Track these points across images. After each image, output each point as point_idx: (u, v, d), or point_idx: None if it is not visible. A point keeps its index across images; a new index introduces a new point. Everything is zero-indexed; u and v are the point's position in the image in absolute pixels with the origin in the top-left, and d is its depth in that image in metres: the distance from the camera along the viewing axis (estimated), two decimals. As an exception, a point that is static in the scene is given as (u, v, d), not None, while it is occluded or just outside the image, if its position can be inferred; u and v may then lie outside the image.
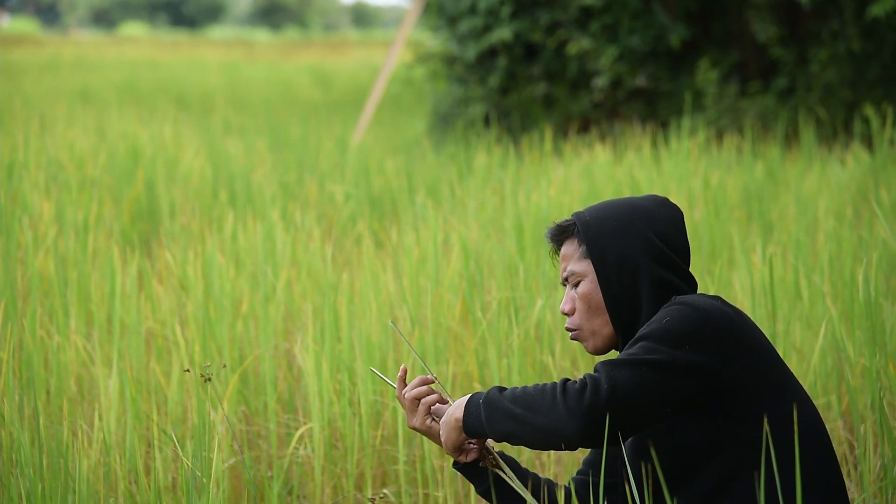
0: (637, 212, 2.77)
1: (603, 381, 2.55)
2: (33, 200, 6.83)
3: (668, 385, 2.58)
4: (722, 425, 2.63)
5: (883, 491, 3.60)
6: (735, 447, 2.63)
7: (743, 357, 2.62)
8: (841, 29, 11.64)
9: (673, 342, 2.58)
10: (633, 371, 2.56)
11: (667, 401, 2.58)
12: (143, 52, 31.90)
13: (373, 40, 42.93)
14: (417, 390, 2.81)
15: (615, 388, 2.54)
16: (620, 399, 2.55)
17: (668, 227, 2.77)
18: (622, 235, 2.74)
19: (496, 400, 2.66)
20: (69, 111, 14.12)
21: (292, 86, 20.37)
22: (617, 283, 2.73)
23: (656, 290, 2.72)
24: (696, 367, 2.58)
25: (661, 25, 12.39)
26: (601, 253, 2.75)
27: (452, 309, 4.79)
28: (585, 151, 9.94)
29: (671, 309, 2.63)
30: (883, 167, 8.04)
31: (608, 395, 2.54)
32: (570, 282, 2.81)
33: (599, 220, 2.77)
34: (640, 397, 2.56)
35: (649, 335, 2.60)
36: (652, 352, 2.58)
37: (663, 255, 2.74)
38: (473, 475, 2.88)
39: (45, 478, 3.29)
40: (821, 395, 4.25)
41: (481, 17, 12.89)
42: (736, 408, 2.62)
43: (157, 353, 4.68)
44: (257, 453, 4.30)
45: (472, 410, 2.70)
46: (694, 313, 2.61)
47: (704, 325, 2.60)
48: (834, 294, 4.88)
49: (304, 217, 6.79)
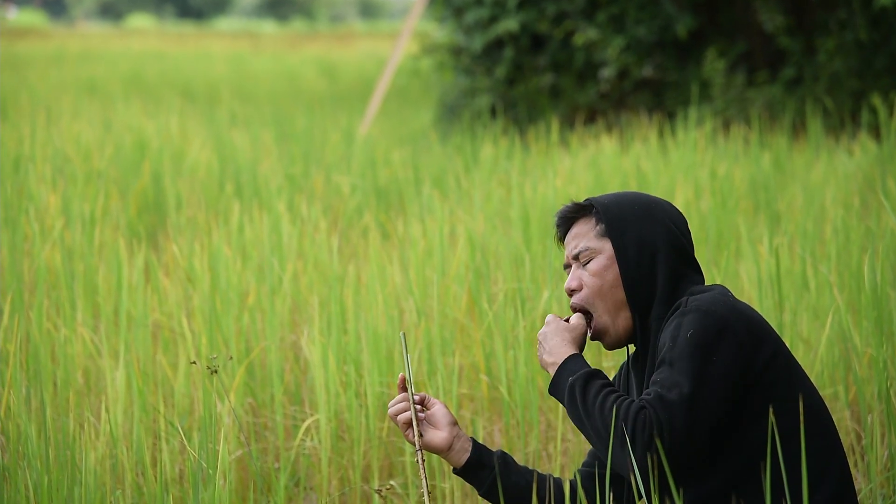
0: (654, 203, 2.80)
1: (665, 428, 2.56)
2: (40, 193, 6.84)
3: (714, 401, 2.59)
4: (735, 418, 2.63)
5: (890, 481, 3.60)
6: (747, 438, 2.63)
7: (759, 351, 2.64)
8: (848, 18, 11.61)
9: (702, 358, 2.59)
10: (686, 410, 2.57)
11: (718, 414, 2.60)
12: (150, 44, 31.89)
13: (379, 32, 42.90)
14: (394, 408, 2.89)
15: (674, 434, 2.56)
16: (683, 442, 2.57)
17: (682, 223, 2.81)
18: (643, 220, 2.76)
19: (581, 391, 2.66)
20: (75, 103, 14.12)
21: (298, 77, 20.36)
22: (636, 263, 2.74)
23: (672, 275, 2.74)
24: (729, 374, 2.60)
25: (667, 15, 12.37)
26: (621, 233, 2.76)
27: (459, 300, 4.79)
28: (592, 142, 9.92)
29: (688, 319, 2.63)
30: (890, 157, 8.01)
31: (670, 442, 2.56)
32: (580, 258, 2.80)
33: (619, 204, 2.79)
34: (696, 430, 2.58)
35: (678, 359, 2.61)
36: (690, 377, 2.58)
37: (680, 245, 2.77)
38: (474, 478, 2.89)
39: (51, 470, 3.30)
40: (828, 385, 4.24)
41: (488, 8, 12.86)
42: (750, 401, 2.62)
43: (163, 345, 4.68)
44: (264, 445, 4.30)
45: (559, 385, 2.72)
46: (712, 321, 2.62)
47: (725, 332, 2.61)
48: (841, 284, 4.87)
49: (311, 209, 6.79)
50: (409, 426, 2.88)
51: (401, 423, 2.88)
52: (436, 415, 2.89)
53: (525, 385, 4.11)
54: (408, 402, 2.89)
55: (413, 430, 2.87)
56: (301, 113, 13.36)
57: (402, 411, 2.89)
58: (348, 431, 4.12)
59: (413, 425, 2.87)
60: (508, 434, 4.16)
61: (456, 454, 2.89)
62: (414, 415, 2.88)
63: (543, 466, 4.15)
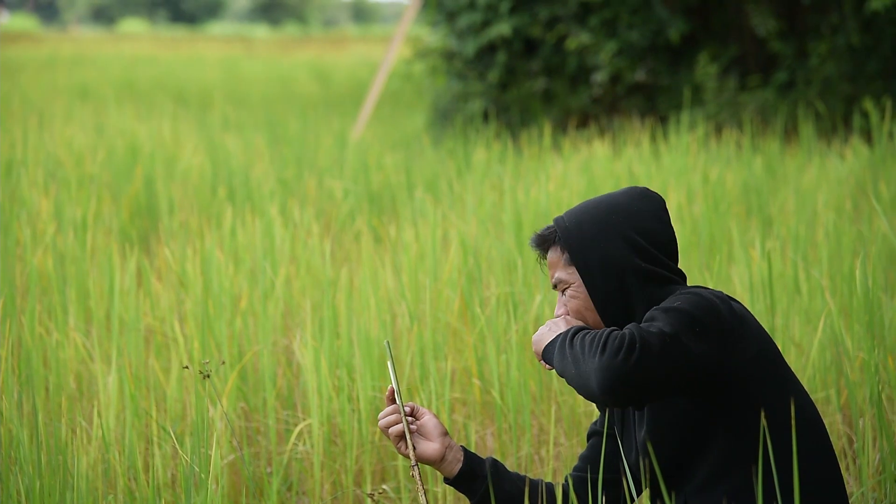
0: (615, 210, 2.75)
1: (637, 342, 2.54)
2: (32, 197, 6.83)
3: (683, 360, 2.57)
4: (720, 417, 2.63)
5: (881, 485, 3.60)
6: (732, 439, 2.63)
7: (745, 350, 2.63)
8: (840, 23, 11.63)
9: (685, 323, 2.58)
10: (660, 340, 2.55)
11: (677, 375, 2.58)
12: (142, 48, 31.88)
13: (372, 36, 42.91)
14: (384, 420, 2.87)
15: (644, 353, 2.54)
16: (647, 366, 2.54)
17: (649, 221, 2.75)
18: (602, 238, 2.73)
19: (570, 337, 2.66)
20: (68, 108, 14.11)
21: (291, 82, 20.36)
22: (603, 286, 2.73)
23: (645, 286, 2.71)
24: (704, 351, 2.58)
25: (660, 20, 12.39)
26: (584, 259, 2.74)
27: (451, 304, 4.79)
28: (584, 146, 9.93)
29: (681, 296, 2.64)
30: (882, 161, 8.03)
31: (638, 358, 2.53)
32: (558, 288, 2.81)
33: (578, 224, 2.76)
34: (660, 367, 2.55)
35: (666, 311, 2.60)
36: (673, 325, 2.57)
37: (646, 252, 2.72)
38: (466, 489, 2.89)
39: (44, 475, 3.29)
40: (820, 389, 4.25)
41: (480, 13, 12.88)
42: (735, 400, 2.62)
43: (156, 349, 4.68)
44: (256, 449, 4.30)
45: (555, 343, 2.71)
46: (703, 302, 2.62)
47: (710, 314, 2.60)
48: (833, 288, 4.88)
49: (303, 213, 6.79)
50: (401, 439, 2.87)
51: (392, 436, 2.87)
52: (427, 426, 2.89)
53: (517, 389, 4.11)
54: (398, 415, 2.87)
55: (406, 442, 2.86)
56: (294, 117, 13.36)
57: (393, 424, 2.88)
58: (340, 436, 4.12)
59: (406, 438, 2.86)
60: (501, 438, 4.16)
61: (448, 465, 2.89)
62: (406, 428, 2.87)
63: (536, 470, 4.15)
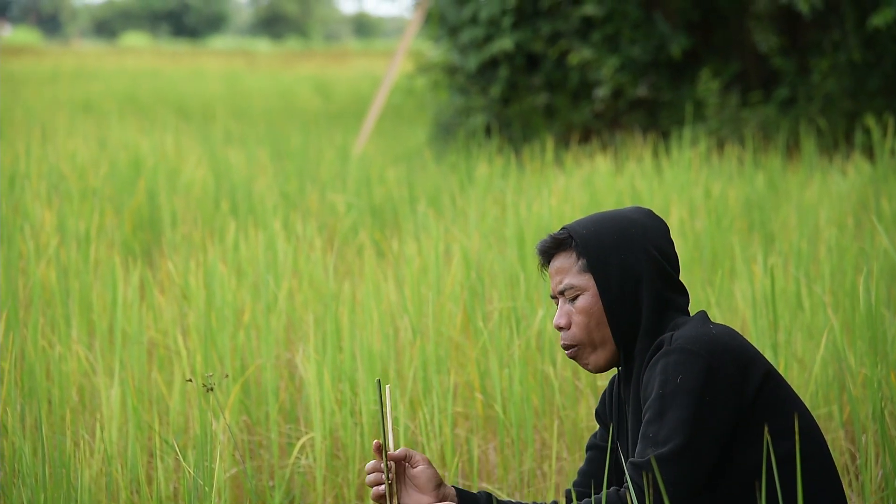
0: (632, 224, 2.73)
1: (665, 486, 2.50)
2: (35, 210, 6.84)
3: (710, 444, 2.56)
4: (729, 445, 2.62)
5: (884, 501, 3.60)
6: (741, 462, 2.62)
7: (747, 382, 2.61)
8: (842, 39, 11.65)
9: (694, 405, 2.55)
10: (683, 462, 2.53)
11: (716, 454, 2.57)
12: (145, 62, 31.93)
13: (374, 50, 42.98)
14: (370, 478, 2.72)
15: (676, 489, 2.52)
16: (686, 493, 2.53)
17: (661, 240, 2.74)
18: (623, 247, 2.70)
19: None
20: (70, 121, 14.13)
21: (293, 95, 20.39)
22: (619, 293, 2.70)
23: (655, 302, 2.70)
24: (722, 414, 2.57)
25: (661, 35, 12.41)
26: (603, 264, 2.70)
27: (454, 319, 4.79)
28: (587, 161, 9.94)
29: (673, 360, 2.59)
30: (884, 177, 8.04)
31: (673, 496, 2.51)
32: (566, 296, 2.75)
33: (596, 232, 2.72)
34: (695, 478, 2.55)
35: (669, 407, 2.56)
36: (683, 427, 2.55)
37: (662, 269, 2.71)
38: None
39: (46, 488, 3.29)
40: (822, 405, 4.25)
41: (482, 28, 12.90)
42: (744, 427, 2.61)
43: (158, 362, 4.68)
44: (259, 463, 4.30)
45: None
46: (699, 364, 2.58)
47: (712, 373, 2.57)
48: (835, 304, 4.88)
49: (306, 227, 6.80)
50: (384, 498, 2.71)
51: (374, 496, 2.71)
52: (420, 477, 2.71)
53: (520, 404, 4.11)
54: (377, 474, 2.69)
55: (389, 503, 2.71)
56: (296, 131, 13.38)
57: (378, 482, 2.71)
58: (343, 450, 4.12)
59: (387, 500, 2.70)
60: (503, 453, 4.16)
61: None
62: (388, 491, 2.70)
63: (538, 485, 4.15)
